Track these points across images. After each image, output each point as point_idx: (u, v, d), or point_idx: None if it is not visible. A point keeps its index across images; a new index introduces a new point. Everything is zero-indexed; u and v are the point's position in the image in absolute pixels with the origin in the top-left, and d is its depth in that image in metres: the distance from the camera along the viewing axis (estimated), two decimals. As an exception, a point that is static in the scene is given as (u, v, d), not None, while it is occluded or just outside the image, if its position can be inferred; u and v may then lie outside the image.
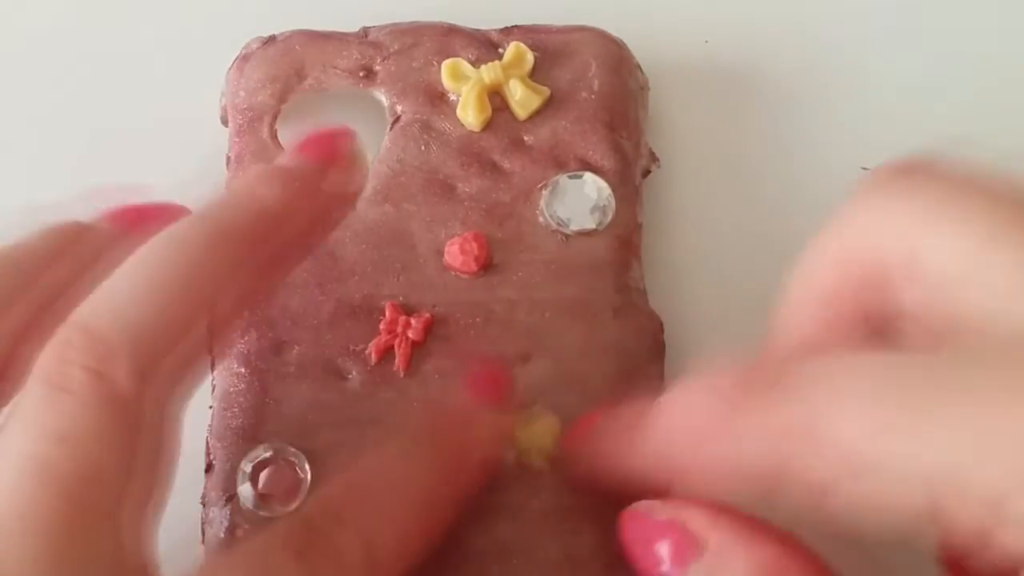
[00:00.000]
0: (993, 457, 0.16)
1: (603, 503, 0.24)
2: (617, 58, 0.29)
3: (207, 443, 0.26)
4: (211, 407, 0.26)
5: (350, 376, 0.25)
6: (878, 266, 0.20)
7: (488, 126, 0.28)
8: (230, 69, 0.29)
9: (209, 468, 0.25)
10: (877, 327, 0.20)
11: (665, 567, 0.20)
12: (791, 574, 0.19)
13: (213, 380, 0.26)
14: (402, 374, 0.25)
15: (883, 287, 0.20)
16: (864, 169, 0.30)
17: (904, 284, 0.19)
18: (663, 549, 0.20)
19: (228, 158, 0.28)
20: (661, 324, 0.27)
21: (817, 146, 0.31)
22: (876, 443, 0.16)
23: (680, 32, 0.32)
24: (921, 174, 0.19)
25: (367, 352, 0.25)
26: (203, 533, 0.25)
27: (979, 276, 0.18)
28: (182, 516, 0.26)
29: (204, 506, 0.25)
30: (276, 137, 0.28)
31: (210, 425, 0.26)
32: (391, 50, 0.29)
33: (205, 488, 0.25)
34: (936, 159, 0.20)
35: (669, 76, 0.32)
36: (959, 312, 0.18)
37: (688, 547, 0.20)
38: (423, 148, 0.28)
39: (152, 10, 0.33)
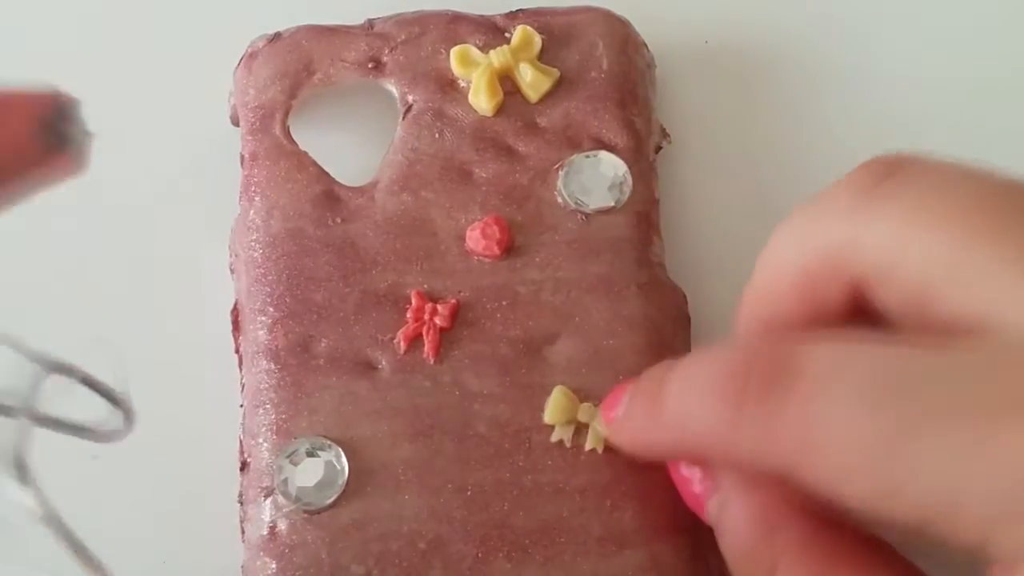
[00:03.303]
0: (983, 483, 0.16)
1: (643, 479, 0.24)
2: (623, 37, 0.29)
3: (240, 441, 0.26)
4: (241, 406, 0.26)
5: (380, 366, 0.25)
6: (857, 267, 0.20)
7: (500, 110, 0.28)
8: (237, 68, 0.29)
9: (244, 466, 0.25)
10: (861, 309, 0.20)
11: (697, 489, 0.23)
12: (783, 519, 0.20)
13: (242, 379, 0.26)
14: (432, 361, 0.25)
15: (863, 288, 0.20)
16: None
17: (881, 290, 0.19)
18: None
19: (243, 157, 0.28)
20: (685, 297, 0.27)
21: (823, 116, 0.31)
22: (872, 459, 0.17)
23: (682, 10, 0.32)
24: (901, 174, 0.19)
25: (396, 341, 0.25)
26: (242, 531, 0.25)
27: (960, 276, 0.18)
28: (218, 515, 0.26)
29: (242, 504, 0.25)
30: (289, 134, 0.28)
31: (242, 423, 0.26)
32: (398, 40, 0.29)
33: (241, 486, 0.25)
34: (918, 155, 0.20)
35: (672, 54, 0.32)
36: (942, 313, 0.18)
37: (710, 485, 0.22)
38: (437, 136, 0.28)
39: (151, 14, 0.32)
